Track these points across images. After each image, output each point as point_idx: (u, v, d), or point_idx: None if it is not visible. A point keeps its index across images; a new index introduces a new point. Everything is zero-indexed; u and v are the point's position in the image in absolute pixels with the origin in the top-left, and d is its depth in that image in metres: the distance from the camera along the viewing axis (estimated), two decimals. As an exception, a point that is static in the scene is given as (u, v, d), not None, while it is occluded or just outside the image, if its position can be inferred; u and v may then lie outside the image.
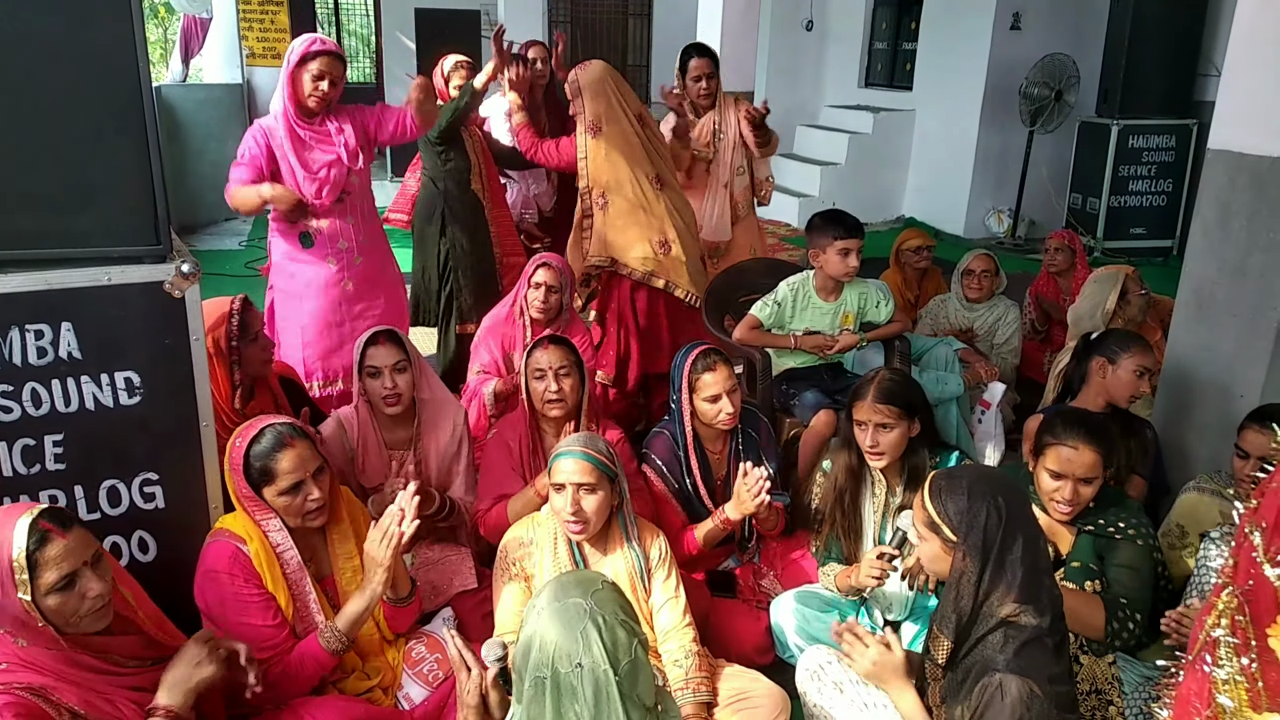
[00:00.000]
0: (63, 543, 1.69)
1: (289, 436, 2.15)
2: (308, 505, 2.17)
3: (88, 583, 1.72)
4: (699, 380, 2.80)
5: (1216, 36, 7.24)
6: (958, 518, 1.75)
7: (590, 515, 2.27)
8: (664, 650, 2.32)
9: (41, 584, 1.67)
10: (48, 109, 1.97)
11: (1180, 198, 7.68)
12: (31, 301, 2.01)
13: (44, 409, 2.07)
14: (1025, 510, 1.79)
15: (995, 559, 1.71)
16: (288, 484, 2.13)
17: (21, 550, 1.64)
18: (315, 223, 3.51)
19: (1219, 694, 1.14)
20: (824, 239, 3.44)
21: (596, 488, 2.27)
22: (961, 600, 1.73)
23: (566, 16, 11.16)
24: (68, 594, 1.69)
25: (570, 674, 1.45)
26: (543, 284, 3.48)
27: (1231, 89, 3.00)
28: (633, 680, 1.48)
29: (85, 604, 1.71)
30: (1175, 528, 2.74)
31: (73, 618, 1.71)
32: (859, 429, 2.57)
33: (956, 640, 1.75)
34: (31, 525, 1.67)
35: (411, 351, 2.83)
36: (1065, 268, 4.61)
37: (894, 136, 9.13)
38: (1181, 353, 3.23)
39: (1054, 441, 2.33)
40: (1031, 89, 7.70)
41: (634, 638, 1.50)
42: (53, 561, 1.67)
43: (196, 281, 2.16)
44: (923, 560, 1.88)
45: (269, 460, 2.12)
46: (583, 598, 1.50)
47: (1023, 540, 1.72)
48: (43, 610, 1.67)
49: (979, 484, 1.78)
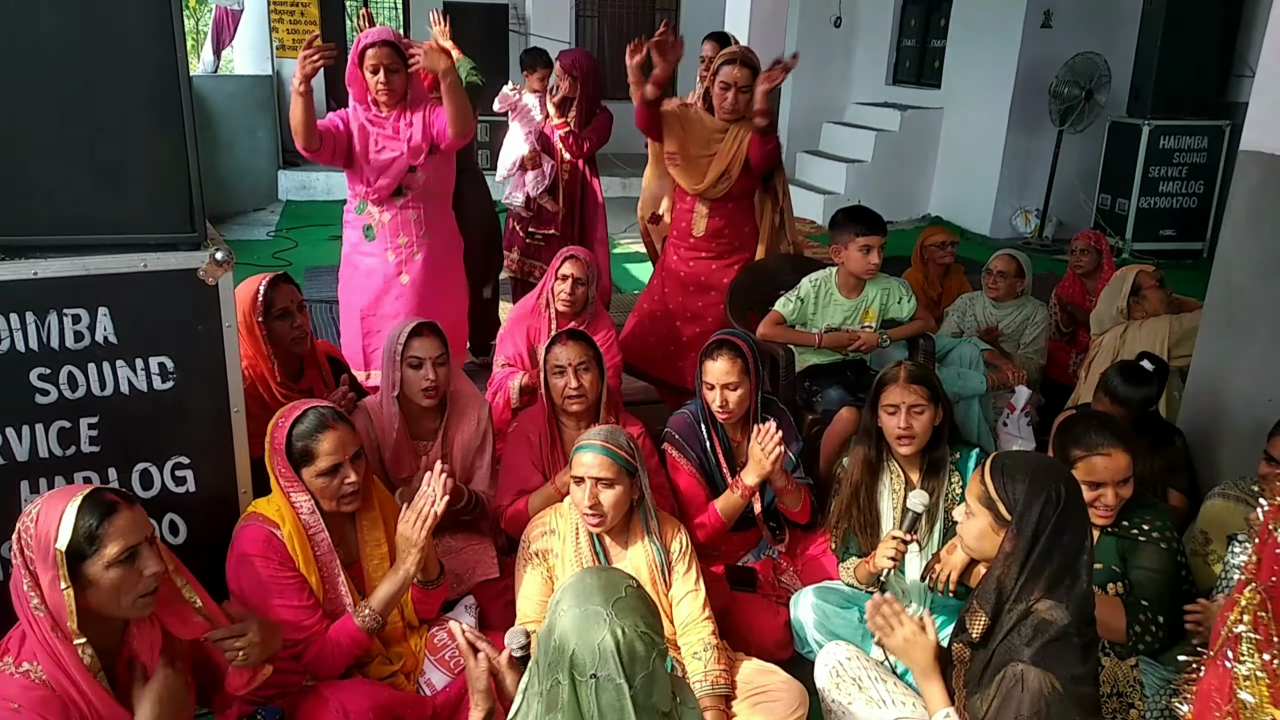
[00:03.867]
0: (129, 514, 1.71)
1: (331, 419, 2.20)
2: (344, 489, 2.20)
3: (147, 560, 1.72)
4: (704, 366, 2.84)
5: (1251, 37, 7.15)
6: (1016, 498, 1.76)
7: (607, 510, 2.29)
8: (683, 643, 2.33)
9: (105, 555, 1.65)
10: (87, 98, 2.01)
11: (1211, 200, 7.58)
12: (70, 286, 2.05)
13: (80, 392, 2.11)
14: (1080, 506, 1.80)
15: (1043, 546, 1.72)
16: (327, 465, 2.17)
17: (70, 528, 1.63)
18: (378, 215, 3.54)
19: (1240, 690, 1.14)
20: (846, 235, 3.45)
21: (615, 482, 2.28)
22: (1005, 580, 1.75)
23: (594, 11, 11.17)
24: (129, 568, 1.69)
25: (585, 683, 1.47)
26: (569, 276, 3.49)
27: (1265, 90, 2.97)
28: (648, 692, 1.49)
29: (142, 582, 1.71)
30: (1200, 534, 2.72)
31: (126, 597, 1.70)
32: (889, 415, 2.56)
33: (993, 618, 1.76)
34: (94, 498, 1.68)
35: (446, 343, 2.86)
36: (1091, 269, 4.57)
37: (921, 134, 9.07)
38: (1210, 356, 3.20)
39: (1085, 454, 2.32)
40: (1062, 88, 7.63)
41: (653, 650, 1.51)
42: (118, 532, 1.67)
43: (230, 269, 2.20)
44: (966, 538, 1.87)
45: (311, 441, 2.17)
46: (604, 606, 1.50)
47: (1070, 533, 1.74)
48: (99, 585, 1.66)
49: (1043, 469, 1.81)
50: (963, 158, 8.82)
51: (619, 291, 6.59)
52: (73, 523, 1.64)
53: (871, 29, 9.98)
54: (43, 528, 1.66)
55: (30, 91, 1.96)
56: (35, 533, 1.66)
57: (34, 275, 2.02)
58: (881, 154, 9.05)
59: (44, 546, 1.65)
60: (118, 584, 1.68)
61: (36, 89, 1.97)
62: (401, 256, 3.59)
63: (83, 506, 1.66)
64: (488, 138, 8.55)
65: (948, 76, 8.96)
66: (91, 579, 1.67)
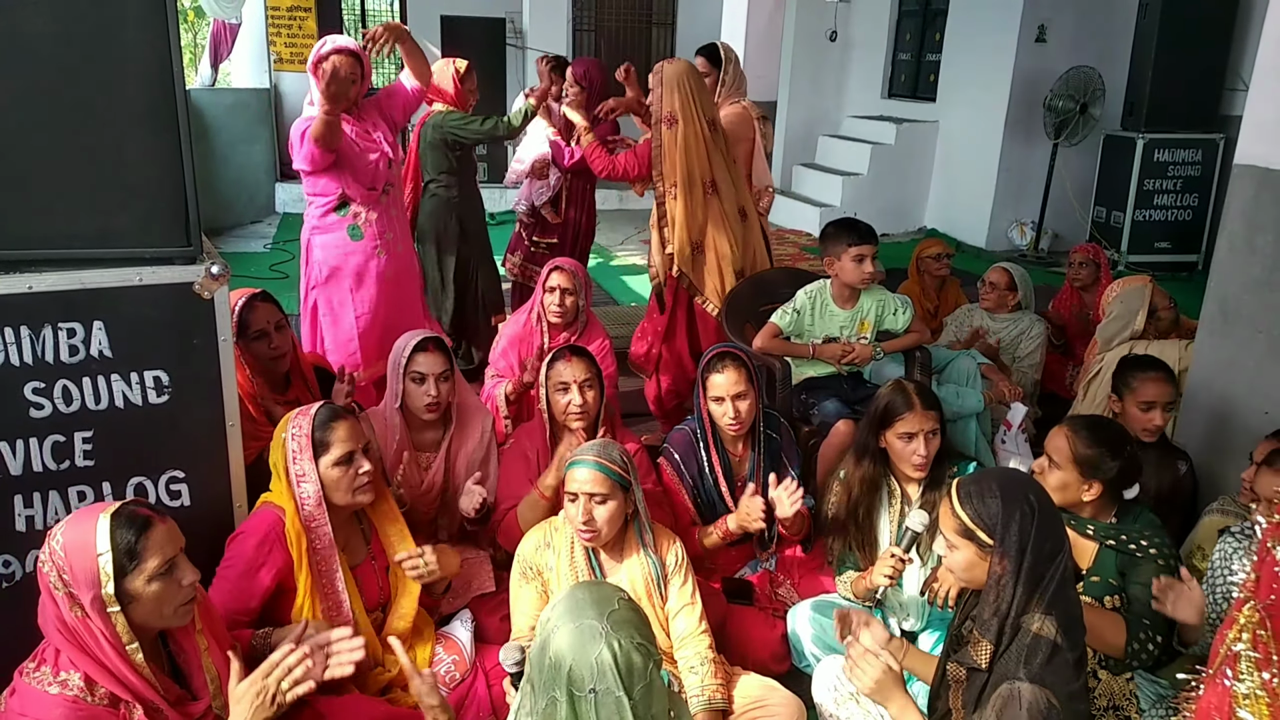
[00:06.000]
0: (164, 528, 1.75)
1: (341, 411, 2.26)
2: (359, 479, 2.23)
3: (184, 570, 1.76)
4: (709, 380, 2.83)
5: (1244, 50, 7.18)
6: (992, 520, 1.74)
7: (601, 525, 2.28)
8: (680, 657, 2.32)
9: (146, 569, 1.69)
10: (83, 111, 2.01)
11: (1206, 212, 7.61)
12: (64, 300, 2.05)
13: (74, 406, 2.11)
14: (1053, 506, 1.79)
15: (1030, 559, 1.70)
16: (341, 452, 2.20)
17: (108, 546, 1.66)
18: (365, 215, 3.60)
19: (1239, 708, 1.14)
20: (838, 247, 3.45)
21: (609, 498, 2.27)
22: (1001, 603, 1.72)
23: (590, 25, 11.21)
24: (169, 580, 1.72)
25: (584, 698, 1.46)
26: (557, 287, 3.50)
27: (1259, 103, 2.98)
28: (647, 703, 1.49)
29: (181, 592, 1.75)
30: (1198, 549, 2.71)
31: (168, 608, 1.73)
32: (906, 442, 2.54)
33: (996, 642, 1.73)
34: (125, 514, 1.70)
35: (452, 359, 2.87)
36: (1090, 282, 4.58)
37: (917, 147, 9.10)
38: (1206, 368, 3.20)
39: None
40: (1056, 101, 7.66)
41: (649, 660, 1.51)
42: (157, 546, 1.71)
43: (226, 283, 2.20)
44: (955, 571, 1.84)
45: (324, 432, 2.20)
46: (599, 620, 1.49)
47: (1051, 539, 1.72)
48: (141, 599, 1.69)
49: (1009, 484, 1.78)
50: (958, 171, 8.85)
51: (615, 304, 6.59)
52: (108, 539, 1.67)
53: (866, 43, 10.03)
54: (76, 547, 1.67)
55: (25, 104, 1.96)
56: (68, 553, 1.67)
57: (29, 289, 2.01)
58: (877, 167, 9.08)
59: (83, 566, 1.66)
60: (160, 596, 1.72)
61: (32, 102, 1.96)
62: (391, 253, 3.69)
63: (115, 523, 1.69)
64: (486, 151, 8.57)
65: (943, 90, 9.00)
66: (134, 594, 1.69)
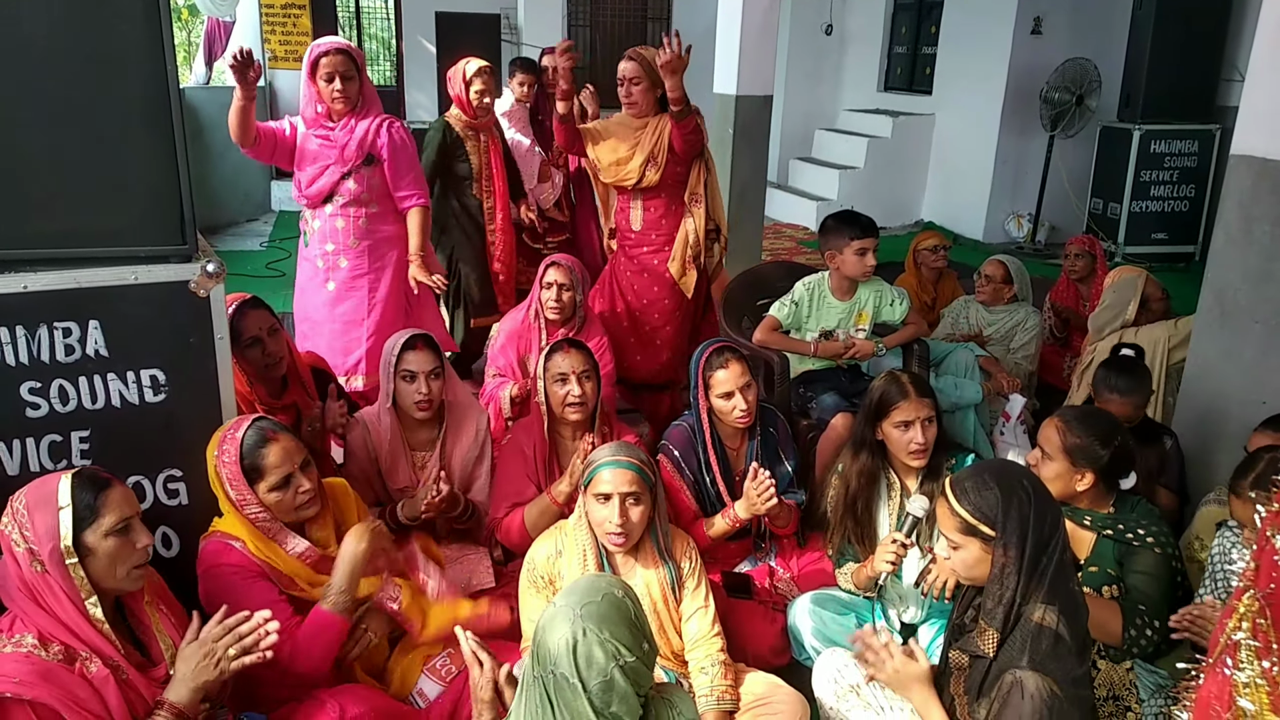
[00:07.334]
0: (122, 489, 1.82)
1: (270, 431, 2.15)
2: (299, 499, 2.16)
3: (139, 533, 1.82)
4: (712, 377, 2.82)
5: (1240, 41, 7.18)
6: (992, 511, 1.75)
7: (635, 526, 2.25)
8: (690, 658, 2.31)
9: (103, 524, 1.75)
10: (77, 110, 2.00)
11: (1202, 203, 7.61)
12: (60, 300, 2.05)
13: (71, 405, 2.11)
14: (1046, 490, 1.80)
15: (1032, 545, 1.71)
16: (277, 478, 2.12)
17: (69, 500, 1.74)
18: (310, 220, 3.60)
19: (1240, 697, 1.14)
20: (840, 240, 3.45)
21: (642, 498, 2.24)
22: (1006, 591, 1.73)
23: (586, 20, 11.18)
24: (124, 539, 1.78)
25: (546, 679, 1.52)
26: (554, 283, 3.50)
27: (1255, 94, 2.98)
28: (605, 700, 1.52)
29: (135, 554, 1.81)
30: (1196, 540, 2.72)
31: (121, 568, 1.79)
32: (903, 431, 2.55)
33: (1003, 631, 1.74)
34: (85, 475, 1.78)
35: (442, 356, 2.85)
36: (1086, 274, 4.59)
37: (913, 141, 9.10)
38: (1204, 359, 3.20)
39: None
40: (1052, 93, 7.66)
41: (612, 660, 1.51)
42: (115, 504, 1.78)
43: (221, 281, 2.19)
44: (960, 570, 1.84)
45: (255, 457, 2.11)
46: (575, 606, 1.54)
47: (1049, 522, 1.74)
48: (97, 554, 1.75)
49: (1003, 475, 1.79)
50: (955, 163, 8.85)
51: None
52: (69, 495, 1.74)
53: (862, 36, 10.03)
54: (37, 502, 1.74)
55: (20, 104, 1.95)
56: (30, 510, 1.74)
57: (24, 289, 2.01)
58: (874, 160, 9.08)
59: (45, 521, 1.72)
60: (114, 553, 1.77)
61: (26, 101, 1.96)
62: (328, 264, 3.59)
63: (76, 481, 1.77)
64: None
65: (939, 83, 9.00)
66: (90, 547, 1.75)
